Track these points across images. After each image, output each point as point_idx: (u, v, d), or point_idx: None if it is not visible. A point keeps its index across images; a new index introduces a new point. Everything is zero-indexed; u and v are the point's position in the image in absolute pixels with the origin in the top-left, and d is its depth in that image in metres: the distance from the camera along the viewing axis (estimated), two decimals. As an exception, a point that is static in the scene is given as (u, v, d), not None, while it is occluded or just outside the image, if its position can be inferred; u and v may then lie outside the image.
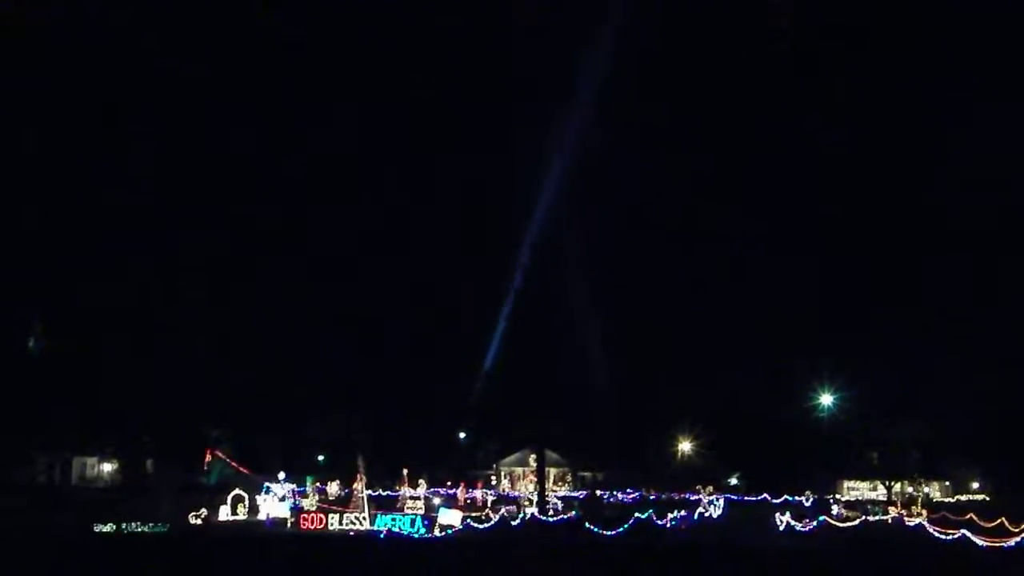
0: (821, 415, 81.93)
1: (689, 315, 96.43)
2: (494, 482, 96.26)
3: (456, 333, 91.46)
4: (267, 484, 64.08)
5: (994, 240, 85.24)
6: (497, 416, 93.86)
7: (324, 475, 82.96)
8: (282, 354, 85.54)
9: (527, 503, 70.73)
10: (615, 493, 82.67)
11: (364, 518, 52.26)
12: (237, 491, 60.62)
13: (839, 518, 60.39)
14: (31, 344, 75.38)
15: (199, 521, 55.65)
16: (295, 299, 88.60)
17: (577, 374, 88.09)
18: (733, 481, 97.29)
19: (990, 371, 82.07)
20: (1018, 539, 44.47)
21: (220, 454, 66.77)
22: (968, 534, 45.80)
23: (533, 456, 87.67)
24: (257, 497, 60.73)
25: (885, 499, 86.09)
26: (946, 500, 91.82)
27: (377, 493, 69.18)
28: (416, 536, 48.74)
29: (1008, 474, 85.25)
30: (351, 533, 50.33)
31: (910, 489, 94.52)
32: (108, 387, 73.25)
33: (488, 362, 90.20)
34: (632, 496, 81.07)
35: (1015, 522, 50.27)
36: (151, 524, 50.57)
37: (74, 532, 46.28)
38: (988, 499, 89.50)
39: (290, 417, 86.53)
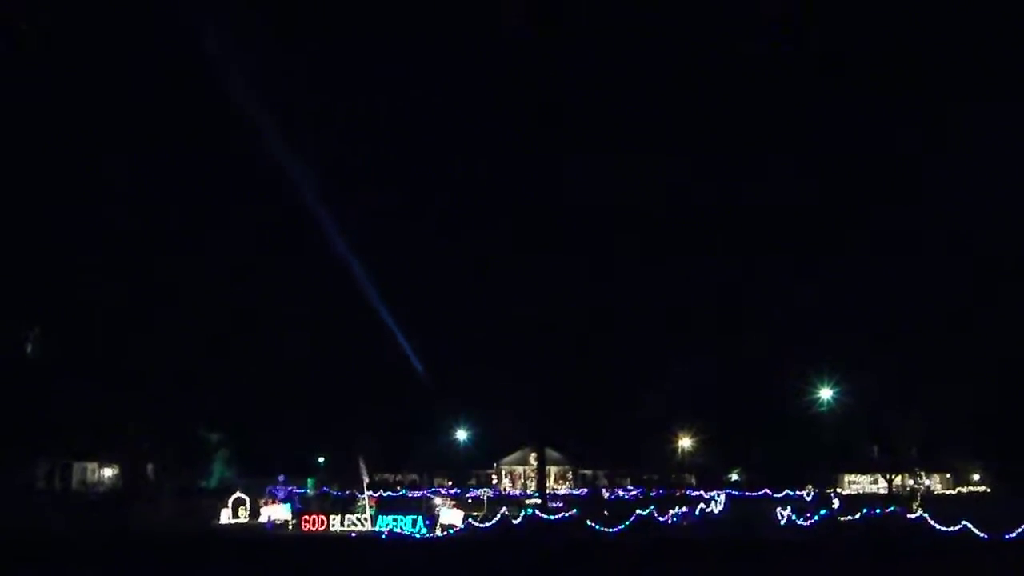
0: (821, 409, 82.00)
1: (688, 309, 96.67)
2: (495, 481, 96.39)
3: (451, 335, 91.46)
4: (269, 487, 64.17)
5: (996, 232, 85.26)
6: (496, 415, 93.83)
7: (325, 477, 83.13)
8: (282, 358, 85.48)
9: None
10: (616, 490, 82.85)
11: (366, 519, 52.30)
12: (238, 494, 60.64)
13: (840, 512, 60.41)
14: (28, 349, 75.30)
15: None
16: (294, 303, 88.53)
17: (574, 370, 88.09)
18: (734, 477, 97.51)
19: (990, 363, 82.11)
20: (1019, 530, 44.44)
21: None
22: (969, 525, 45.83)
23: (534, 455, 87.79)
24: (259, 500, 60.77)
25: (886, 492, 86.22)
26: (947, 492, 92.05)
27: (379, 494, 69.26)
28: (418, 536, 48.78)
29: (1008, 466, 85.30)
30: (352, 535, 50.35)
31: (911, 482, 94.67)
32: (106, 392, 73.14)
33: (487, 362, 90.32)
34: (633, 493, 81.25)
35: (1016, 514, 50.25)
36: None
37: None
38: (988, 491, 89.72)
39: (290, 420, 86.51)
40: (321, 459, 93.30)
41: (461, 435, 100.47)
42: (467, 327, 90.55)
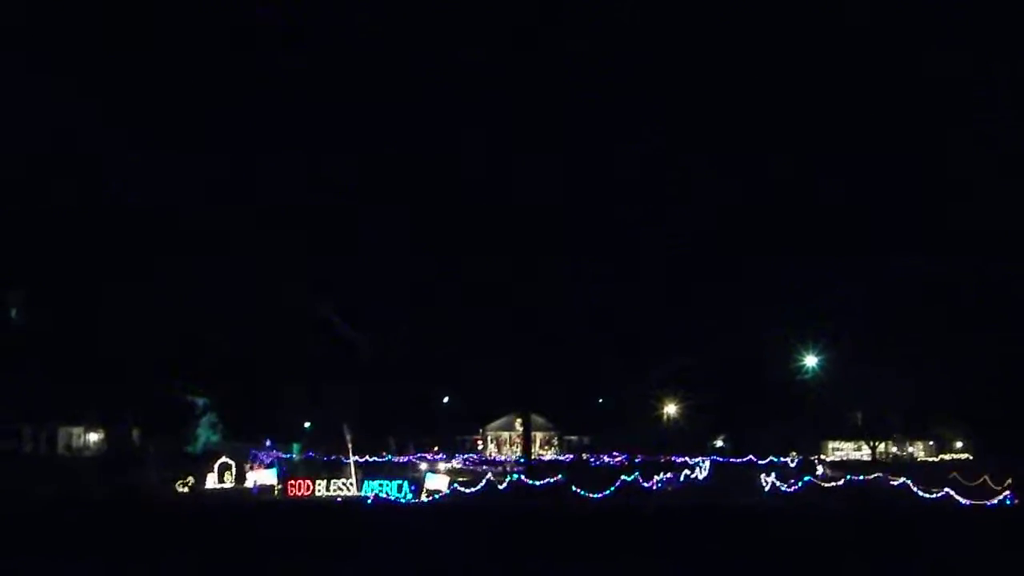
0: (806, 376, 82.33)
1: (673, 277, 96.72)
2: (480, 447, 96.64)
3: (435, 301, 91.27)
4: (254, 451, 64.16)
5: (981, 201, 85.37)
6: (483, 381, 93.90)
7: (310, 442, 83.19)
8: (267, 322, 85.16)
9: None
10: (601, 456, 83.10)
11: (351, 484, 52.38)
12: (224, 459, 60.62)
13: (823, 478, 60.79)
14: (13, 313, 75.00)
15: (186, 489, 55.67)
16: (279, 267, 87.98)
17: (561, 337, 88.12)
18: (719, 443, 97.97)
19: (975, 332, 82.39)
20: (1000, 498, 44.84)
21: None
22: (952, 493, 46.18)
23: (519, 420, 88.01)
24: (244, 464, 60.77)
25: (869, 459, 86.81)
26: (930, 460, 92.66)
27: (364, 459, 69.37)
28: (403, 501, 48.88)
29: (991, 433, 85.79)
30: (338, 499, 50.45)
31: (894, 449, 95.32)
32: (91, 356, 72.91)
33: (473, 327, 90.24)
34: (618, 459, 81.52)
35: (997, 481, 50.73)
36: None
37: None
38: (971, 458, 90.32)
39: (276, 385, 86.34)
40: (307, 424, 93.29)
41: (447, 401, 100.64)
42: (454, 294, 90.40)
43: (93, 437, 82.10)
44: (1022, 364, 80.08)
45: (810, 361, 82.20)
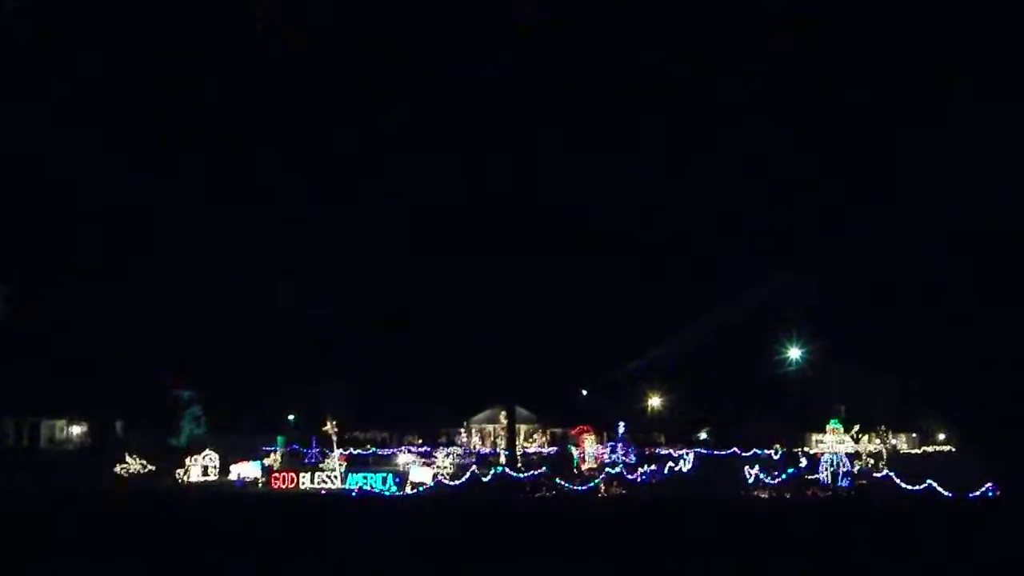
0: (789, 368, 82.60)
1: (659, 271, 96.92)
2: (464, 439, 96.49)
3: (423, 294, 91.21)
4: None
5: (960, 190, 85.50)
6: (467, 373, 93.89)
7: (295, 434, 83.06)
8: (252, 314, 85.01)
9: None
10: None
11: (336, 477, 52.35)
12: (208, 451, 60.42)
13: (806, 470, 60.98)
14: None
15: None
16: (264, 257, 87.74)
17: (544, 326, 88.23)
18: (703, 436, 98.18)
19: (956, 323, 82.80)
20: (982, 489, 45.05)
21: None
22: (934, 484, 46.40)
23: (503, 413, 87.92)
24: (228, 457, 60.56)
25: (853, 452, 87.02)
26: (913, 452, 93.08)
27: (349, 451, 69.32)
28: (388, 494, 48.88)
29: (974, 425, 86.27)
30: (323, 492, 50.42)
31: (877, 441, 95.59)
32: (74, 349, 72.64)
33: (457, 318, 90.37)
34: (602, 452, 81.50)
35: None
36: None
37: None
38: (954, 450, 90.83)
39: (260, 376, 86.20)
40: (291, 417, 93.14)
41: (431, 393, 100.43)
42: (438, 284, 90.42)
43: (76, 430, 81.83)
44: (1002, 359, 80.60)
45: (793, 354, 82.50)
